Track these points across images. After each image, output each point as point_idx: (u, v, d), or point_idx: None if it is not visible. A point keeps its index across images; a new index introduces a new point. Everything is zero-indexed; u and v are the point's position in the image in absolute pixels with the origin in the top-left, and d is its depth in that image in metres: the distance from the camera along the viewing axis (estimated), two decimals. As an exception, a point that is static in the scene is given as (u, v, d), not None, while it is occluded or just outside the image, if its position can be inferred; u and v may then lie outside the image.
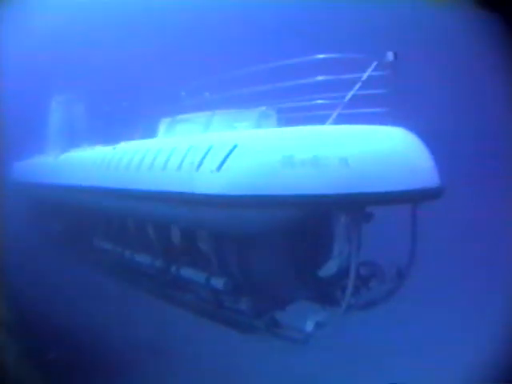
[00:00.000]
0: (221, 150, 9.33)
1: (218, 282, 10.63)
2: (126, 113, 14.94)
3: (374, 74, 9.29)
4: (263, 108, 10.81)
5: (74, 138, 18.11)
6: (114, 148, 13.65)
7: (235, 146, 9.18)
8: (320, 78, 9.55)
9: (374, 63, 9.31)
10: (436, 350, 13.04)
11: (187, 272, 11.76)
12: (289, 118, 10.71)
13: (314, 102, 9.68)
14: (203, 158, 9.57)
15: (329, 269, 10.68)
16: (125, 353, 12.92)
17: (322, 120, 9.39)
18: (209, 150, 9.64)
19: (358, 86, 9.30)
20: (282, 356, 11.64)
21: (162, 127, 13.14)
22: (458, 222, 17.75)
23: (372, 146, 8.73)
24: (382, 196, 8.34)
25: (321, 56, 9.54)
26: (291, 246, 10.14)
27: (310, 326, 9.53)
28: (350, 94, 9.31)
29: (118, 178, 12.39)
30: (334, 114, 9.31)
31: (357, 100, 9.38)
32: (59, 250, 18.16)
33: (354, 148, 8.53)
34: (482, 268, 16.59)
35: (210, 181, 9.28)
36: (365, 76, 9.29)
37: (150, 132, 13.20)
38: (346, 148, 8.51)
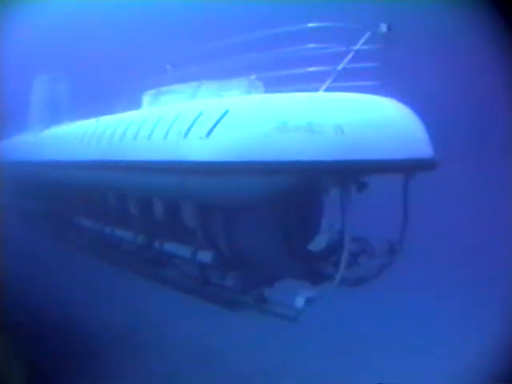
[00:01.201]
0: (211, 116, 8.63)
1: (206, 256, 9.97)
2: (109, 87, 14.14)
3: (365, 47, 8.76)
4: (252, 76, 10.09)
5: (57, 115, 17.13)
6: (97, 120, 12.81)
7: (226, 112, 8.51)
8: (311, 45, 8.91)
9: (367, 33, 8.77)
10: (435, 348, 12.89)
11: (171, 247, 11.02)
12: (277, 90, 9.77)
13: (305, 70, 9.03)
14: (192, 125, 8.85)
15: (318, 243, 10.11)
16: (100, 334, 12.45)
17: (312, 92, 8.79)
18: (198, 116, 8.92)
19: (350, 56, 8.76)
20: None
21: (146, 99, 12.33)
22: (451, 198, 17.24)
23: (367, 114, 8.29)
24: (378, 164, 7.93)
25: (312, 25, 8.99)
26: (281, 219, 9.40)
27: (300, 302, 8.87)
28: (342, 63, 8.76)
29: (101, 150, 11.60)
30: (326, 84, 8.80)
31: (347, 73, 8.87)
32: (40, 228, 17.35)
33: (349, 115, 8.07)
34: (478, 248, 16.24)
35: (198, 147, 8.57)
36: (358, 46, 8.76)
37: (133, 105, 12.34)
38: (341, 115, 8.03)
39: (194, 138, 8.68)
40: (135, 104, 12.41)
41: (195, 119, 8.87)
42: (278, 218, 9.43)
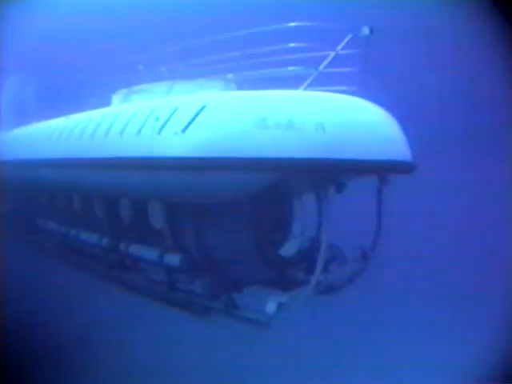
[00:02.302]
0: (187, 112, 8.08)
1: (173, 259, 9.28)
2: (79, 88, 13.48)
3: (345, 52, 8.39)
4: (230, 75, 9.54)
5: (23, 117, 16.28)
6: (68, 117, 12.08)
7: (203, 107, 7.97)
8: (292, 44, 8.45)
9: (349, 36, 8.40)
10: (435, 348, 12.68)
11: (137, 249, 10.31)
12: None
13: (282, 71, 8.53)
14: (167, 120, 8.28)
15: (289, 249, 9.75)
16: (60, 338, 11.80)
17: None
18: (173, 112, 8.35)
19: (331, 57, 8.35)
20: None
21: (117, 99, 11.73)
22: (425, 203, 16.96)
23: (349, 113, 7.95)
24: (358, 164, 7.58)
25: (292, 24, 8.57)
26: (252, 222, 9.03)
27: (271, 308, 8.40)
28: (323, 64, 8.33)
29: (70, 147, 10.89)
30: (304, 85, 8.36)
31: (325, 77, 8.45)
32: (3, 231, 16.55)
33: (330, 114, 7.68)
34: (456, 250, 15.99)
35: (172, 143, 8.00)
36: (339, 47, 8.38)
37: (103, 105, 11.65)
38: (323, 113, 7.63)
39: (168, 134, 8.10)
40: (105, 104, 11.74)
41: (170, 114, 8.31)
42: (250, 220, 9.05)
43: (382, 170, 8.49)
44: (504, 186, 16.50)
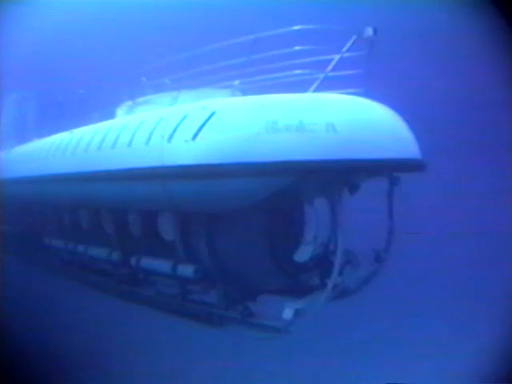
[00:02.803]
0: (196, 119, 7.92)
1: (187, 270, 9.15)
2: (81, 101, 13.28)
3: (350, 54, 8.20)
4: (236, 82, 9.26)
5: (24, 134, 16.14)
6: (71, 132, 11.90)
7: (213, 113, 7.82)
8: (297, 48, 8.28)
9: (354, 37, 8.19)
10: (435, 349, 12.46)
11: (149, 262, 10.17)
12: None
13: (289, 74, 8.32)
14: (176, 128, 8.11)
15: (302, 255, 9.44)
16: (70, 356, 11.52)
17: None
18: (182, 119, 8.19)
19: (337, 59, 8.15)
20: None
21: (121, 112, 11.55)
22: (442, 202, 16.74)
23: (358, 113, 7.83)
24: (372, 163, 7.46)
25: (295, 28, 8.34)
26: (265, 228, 8.79)
27: (288, 315, 8.19)
28: (330, 67, 8.15)
29: (76, 161, 10.72)
30: (312, 88, 8.15)
31: (331, 80, 8.30)
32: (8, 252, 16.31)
33: (340, 114, 7.55)
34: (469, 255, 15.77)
35: (183, 151, 7.83)
36: (344, 49, 8.17)
37: (107, 118, 11.45)
38: (333, 114, 7.50)
39: (178, 142, 7.94)
40: (109, 118, 11.52)
41: (179, 122, 8.15)
42: (263, 227, 8.81)
43: (394, 169, 8.40)
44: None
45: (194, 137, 7.70)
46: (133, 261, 10.52)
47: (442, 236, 16.42)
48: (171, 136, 8.09)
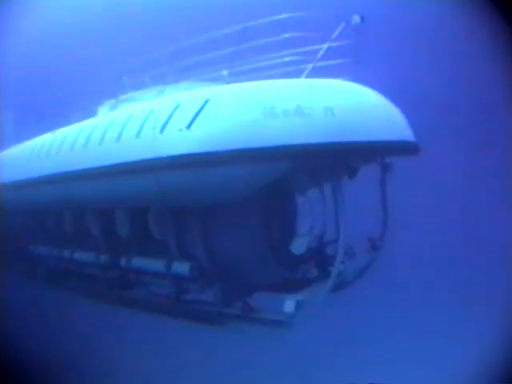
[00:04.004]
0: (190, 108, 7.48)
1: (182, 268, 8.63)
2: (62, 103, 12.68)
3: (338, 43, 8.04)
4: (225, 72, 8.73)
5: (5, 142, 15.19)
6: (54, 132, 11.25)
7: (207, 101, 7.40)
8: (286, 35, 7.96)
9: (342, 24, 8.02)
10: (434, 349, 12.46)
11: (141, 262, 9.59)
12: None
13: (278, 61, 8.07)
14: (168, 118, 7.64)
15: (298, 247, 9.07)
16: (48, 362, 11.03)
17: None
18: (175, 109, 7.73)
19: (326, 47, 7.97)
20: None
21: (104, 110, 10.94)
22: (439, 189, 16.49)
23: (355, 98, 7.74)
24: (369, 146, 7.35)
25: (282, 16, 8.04)
26: (262, 220, 8.39)
27: (290, 307, 7.80)
28: (320, 53, 7.96)
29: (60, 161, 10.10)
30: (303, 75, 7.94)
31: (319, 69, 8.05)
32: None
33: (338, 98, 7.40)
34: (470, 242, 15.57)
35: (177, 140, 7.38)
36: (334, 36, 7.99)
37: (89, 117, 10.84)
38: (330, 98, 7.32)
39: (172, 132, 7.47)
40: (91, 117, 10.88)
41: (172, 112, 7.68)
42: (259, 220, 8.41)
43: (392, 151, 8.17)
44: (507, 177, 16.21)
45: (189, 125, 7.25)
46: (122, 262, 9.92)
47: (441, 230, 16.24)
48: (164, 126, 7.63)
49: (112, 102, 10.78)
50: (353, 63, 8.12)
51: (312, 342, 12.23)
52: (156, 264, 9.18)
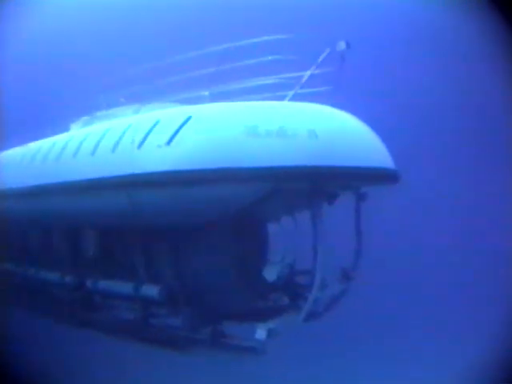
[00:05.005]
0: (170, 124, 7.12)
1: (151, 290, 8.14)
2: (36, 118, 12.13)
3: (317, 72, 7.92)
4: (206, 93, 8.41)
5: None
6: (26, 146, 10.72)
7: (189, 118, 7.05)
8: (269, 57, 7.82)
9: (327, 50, 7.90)
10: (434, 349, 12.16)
11: (108, 284, 9.06)
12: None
13: (260, 83, 7.85)
14: (147, 134, 7.26)
15: (269, 274, 8.67)
16: None
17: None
18: (154, 125, 7.35)
19: (310, 72, 7.87)
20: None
21: (77, 126, 10.44)
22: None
23: (338, 121, 7.47)
24: (352, 171, 7.06)
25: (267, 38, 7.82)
26: (234, 246, 8.08)
27: (261, 335, 7.42)
28: (304, 78, 7.87)
29: (31, 175, 9.60)
30: (287, 98, 7.81)
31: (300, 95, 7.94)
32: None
33: (321, 121, 7.15)
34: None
35: (155, 157, 7.01)
36: (320, 59, 7.89)
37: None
38: (314, 120, 7.07)
39: (151, 148, 7.10)
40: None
41: (151, 128, 7.30)
42: (230, 244, 8.09)
43: (374, 177, 7.82)
44: (501, 189, 16.16)
45: (169, 142, 6.88)
46: (89, 283, 9.37)
47: (440, 236, 16.10)
48: (142, 142, 7.24)
49: (86, 118, 10.35)
50: (334, 91, 7.87)
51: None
52: (124, 286, 8.65)
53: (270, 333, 7.47)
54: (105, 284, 9.13)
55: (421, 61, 16.60)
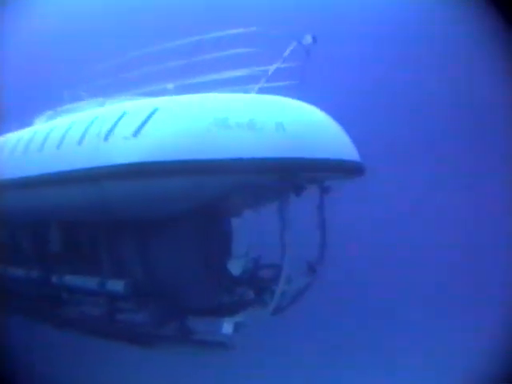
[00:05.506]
0: (137, 115, 6.94)
1: (117, 285, 7.97)
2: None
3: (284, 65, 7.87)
4: (170, 86, 8.36)
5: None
6: None
7: (156, 109, 6.90)
8: (232, 51, 7.74)
9: (294, 43, 7.85)
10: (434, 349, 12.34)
11: (74, 279, 8.81)
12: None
13: (226, 76, 7.86)
14: (114, 125, 7.07)
15: (234, 269, 8.57)
16: None
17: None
18: (121, 117, 7.17)
19: (279, 63, 7.84)
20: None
21: (41, 121, 10.12)
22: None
23: (306, 114, 7.47)
24: (320, 163, 7.10)
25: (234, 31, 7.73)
26: (200, 239, 7.95)
27: (228, 329, 7.43)
28: (270, 71, 7.82)
29: None
30: (255, 89, 7.80)
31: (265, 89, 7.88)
32: None
33: (289, 114, 7.14)
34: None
35: (122, 149, 6.80)
36: (286, 52, 7.84)
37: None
38: (282, 113, 7.04)
39: (117, 140, 6.90)
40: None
41: (118, 120, 7.12)
42: (196, 236, 7.94)
43: (341, 170, 7.87)
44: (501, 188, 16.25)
45: (136, 133, 6.71)
46: (54, 279, 9.12)
47: (440, 235, 16.09)
48: (108, 134, 7.03)
49: (50, 113, 10.07)
50: (298, 85, 7.89)
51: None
52: (89, 281, 8.45)
53: (237, 327, 7.45)
54: (70, 279, 8.89)
55: (395, 57, 16.62)
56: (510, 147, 15.76)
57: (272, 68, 7.80)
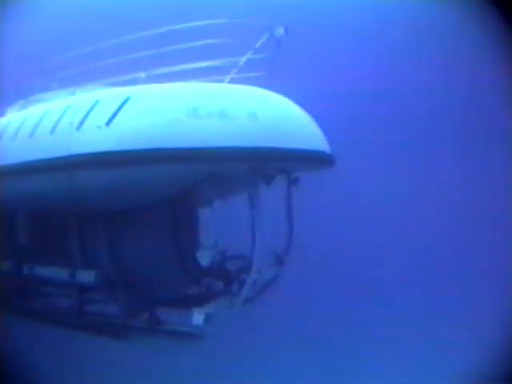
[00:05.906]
0: (110, 104, 6.89)
1: (87, 276, 7.91)
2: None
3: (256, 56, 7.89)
4: (142, 74, 8.16)
5: None
6: None
7: (128, 98, 6.86)
8: (201, 42, 7.73)
9: (266, 35, 7.85)
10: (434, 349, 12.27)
11: (43, 270, 8.67)
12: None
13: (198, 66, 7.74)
14: (86, 115, 7.00)
15: (203, 259, 8.53)
16: None
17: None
18: (93, 106, 7.10)
19: (249, 54, 7.86)
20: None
21: (13, 110, 9.88)
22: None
23: (278, 105, 7.42)
24: (291, 152, 7.02)
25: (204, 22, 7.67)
26: (170, 229, 8.01)
27: (198, 320, 7.30)
28: (241, 62, 7.86)
29: None
30: (226, 80, 7.83)
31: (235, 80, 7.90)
32: None
33: (262, 104, 7.11)
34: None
35: (94, 137, 6.72)
36: (258, 44, 7.85)
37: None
38: (254, 103, 7.02)
39: (90, 128, 6.84)
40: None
41: (90, 108, 7.06)
42: (165, 227, 8.01)
43: (312, 160, 7.84)
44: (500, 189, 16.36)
45: (108, 122, 6.67)
46: (25, 270, 8.97)
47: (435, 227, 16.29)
48: (81, 123, 6.96)
49: (22, 102, 9.87)
50: (267, 77, 7.91)
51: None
52: (59, 272, 8.31)
53: (208, 317, 7.33)
54: (41, 270, 8.75)
55: (374, 50, 16.64)
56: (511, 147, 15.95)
57: (243, 59, 7.80)
